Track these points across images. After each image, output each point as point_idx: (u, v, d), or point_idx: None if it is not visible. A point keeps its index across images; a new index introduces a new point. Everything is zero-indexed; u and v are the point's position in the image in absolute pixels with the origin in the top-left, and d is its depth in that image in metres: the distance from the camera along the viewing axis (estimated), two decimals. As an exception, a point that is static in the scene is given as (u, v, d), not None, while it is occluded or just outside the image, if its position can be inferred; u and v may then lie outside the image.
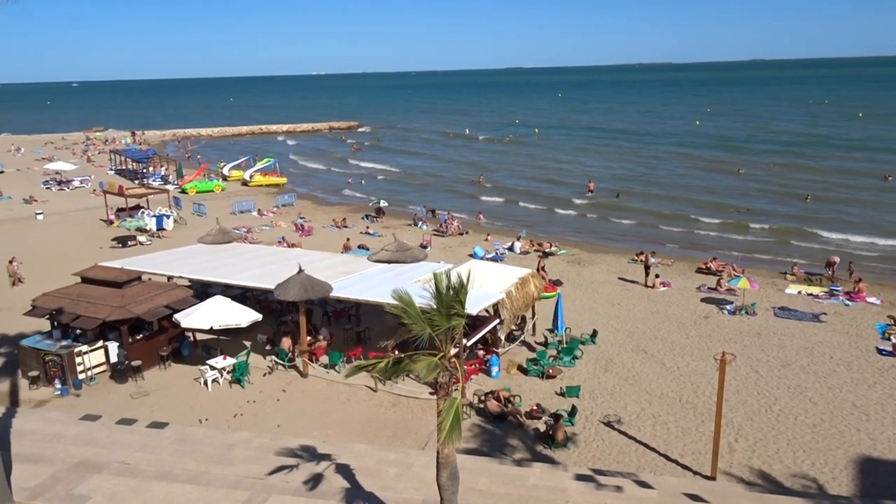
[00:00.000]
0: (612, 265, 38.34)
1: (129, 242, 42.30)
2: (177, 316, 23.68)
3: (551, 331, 26.84)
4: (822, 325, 28.30)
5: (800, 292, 32.54)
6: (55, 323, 24.04)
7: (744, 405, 21.31)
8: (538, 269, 33.90)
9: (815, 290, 32.80)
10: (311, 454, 17.68)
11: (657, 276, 34.47)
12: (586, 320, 28.92)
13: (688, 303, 31.57)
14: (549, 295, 29.17)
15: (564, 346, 25.59)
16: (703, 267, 36.70)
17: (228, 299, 24.83)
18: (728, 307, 30.41)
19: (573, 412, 20.48)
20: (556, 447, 18.94)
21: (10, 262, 34.80)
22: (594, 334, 26.95)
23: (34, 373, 22.87)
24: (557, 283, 33.49)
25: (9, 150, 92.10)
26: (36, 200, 56.66)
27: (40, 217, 50.68)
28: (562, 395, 22.12)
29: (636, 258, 38.26)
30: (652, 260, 35.97)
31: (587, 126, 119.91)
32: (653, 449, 18.97)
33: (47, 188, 63.98)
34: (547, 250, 40.58)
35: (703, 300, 31.87)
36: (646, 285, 34.05)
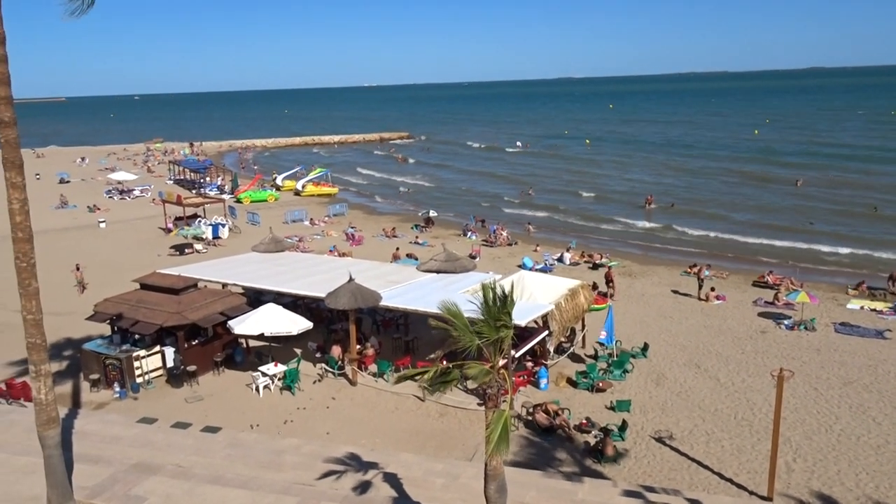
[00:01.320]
0: (664, 277, 37.65)
1: (186, 250, 43.47)
2: (230, 323, 24.20)
3: (601, 343, 26.47)
4: (886, 342, 27.19)
5: (862, 307, 31.36)
6: (115, 328, 24.84)
7: (802, 424, 20.61)
8: (607, 281, 33.55)
9: (879, 305, 31.55)
10: (359, 462, 17.81)
11: (712, 288, 33.69)
12: (637, 333, 28.44)
13: (743, 317, 30.75)
14: (600, 307, 28.76)
15: (615, 359, 25.22)
16: (760, 280, 35.72)
17: (280, 307, 25.26)
18: (786, 322, 29.50)
19: (623, 427, 20.13)
20: (605, 462, 18.64)
21: (77, 268, 36.11)
22: (645, 348, 26.48)
23: (95, 376, 23.66)
24: (605, 295, 33.03)
25: (74, 161, 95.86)
26: (99, 209, 58.79)
27: (103, 225, 52.55)
28: (612, 409, 21.77)
29: (689, 270, 37.48)
30: (706, 272, 35.19)
31: (639, 137, 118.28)
32: (706, 467, 18.49)
33: (110, 197, 66.31)
34: (597, 262, 40.09)
35: (760, 314, 30.99)
36: (699, 298, 33.31)
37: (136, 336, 24.29)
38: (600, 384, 23.26)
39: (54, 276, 34.65)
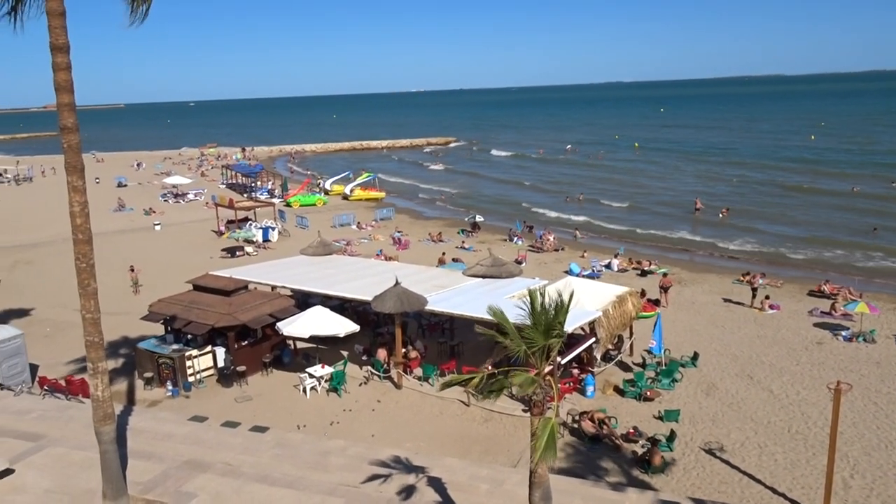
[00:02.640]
0: (715, 285, 36.83)
1: (238, 253, 44.37)
2: (279, 324, 24.59)
3: (649, 352, 26.03)
4: (952, 356, 26.06)
5: (926, 319, 30.14)
6: (169, 328, 25.49)
7: (861, 439, 19.88)
8: (663, 289, 33.04)
9: (944, 317, 30.26)
10: (403, 465, 17.87)
11: (766, 297, 32.81)
12: (687, 342, 27.88)
13: (798, 327, 29.85)
14: (648, 314, 28.30)
15: (663, 367, 24.76)
16: (816, 290, 34.62)
17: (327, 310, 25.56)
18: (843, 333, 28.53)
19: (672, 437, 19.74)
20: (652, 472, 18.30)
21: (132, 269, 37.21)
22: (695, 357, 25.93)
23: (149, 374, 24.32)
24: (656, 302, 32.46)
25: (131, 166, 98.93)
26: (154, 212, 60.51)
27: (158, 228, 54.06)
28: (660, 418, 21.37)
29: (742, 279, 36.58)
30: (760, 281, 34.31)
31: (689, 141, 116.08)
32: (758, 480, 17.99)
33: (165, 201, 68.17)
34: (646, 268, 39.47)
35: (816, 325, 30.04)
36: (752, 307, 32.48)
37: (189, 336, 24.88)
38: (648, 393, 22.86)
39: (112, 276, 35.80)
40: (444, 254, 41.61)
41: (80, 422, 19.98)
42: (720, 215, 55.62)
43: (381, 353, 25.38)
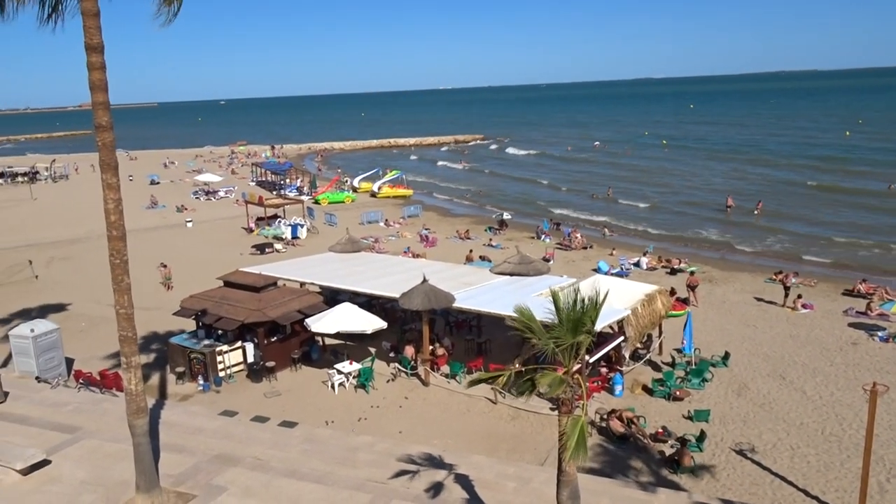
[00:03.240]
0: (746, 284, 36.29)
1: (267, 250, 44.83)
2: (308, 320, 24.79)
3: (679, 351, 25.74)
4: None
5: (966, 320, 29.35)
6: (200, 323, 25.85)
7: (897, 442, 19.46)
8: (690, 288, 32.69)
9: None
10: (431, 462, 17.92)
11: (798, 296, 32.23)
12: (717, 341, 27.51)
13: (833, 327, 29.28)
14: (678, 313, 27.99)
15: (693, 367, 24.47)
16: (851, 290, 33.89)
17: (355, 306, 25.71)
18: (880, 334, 27.91)
19: (702, 437, 19.50)
20: (682, 473, 18.10)
21: (163, 266, 37.78)
22: (726, 356, 25.58)
23: (180, 369, 24.70)
24: (686, 301, 32.08)
25: (164, 163, 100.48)
26: (186, 209, 61.40)
27: (189, 224, 54.84)
28: (690, 418, 21.12)
29: (774, 277, 35.98)
30: (792, 280, 33.71)
31: (720, 138, 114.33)
32: (790, 483, 17.71)
33: (196, 198, 69.13)
34: (676, 267, 39.03)
35: (851, 325, 29.43)
36: (784, 306, 31.94)
37: (220, 331, 25.21)
38: (677, 393, 22.61)
39: (144, 272, 36.39)
40: (471, 251, 41.60)
41: (114, 415, 20.37)
42: (755, 210, 54.70)
43: (409, 350, 25.47)
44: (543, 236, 48.21)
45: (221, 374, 24.43)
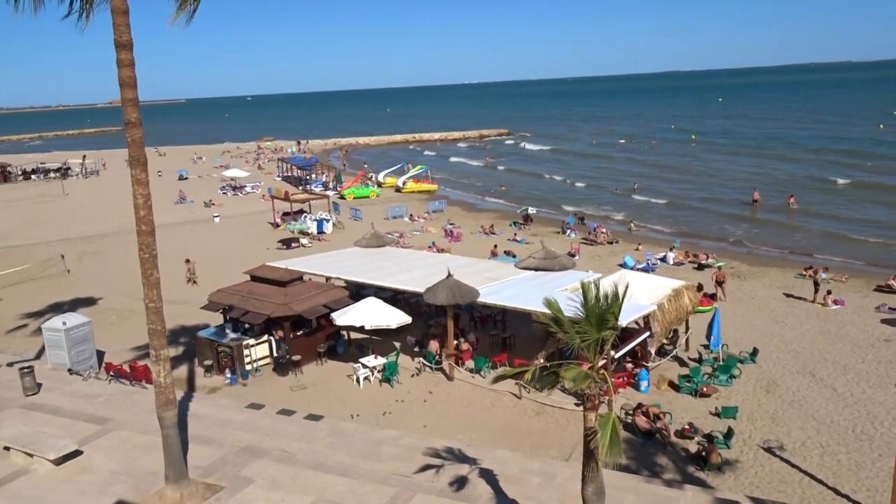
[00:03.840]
0: (776, 279, 35.75)
1: (293, 244, 45.17)
2: (333, 315, 24.95)
3: (706, 347, 25.47)
4: None
5: None
6: (227, 317, 26.15)
7: (931, 441, 19.06)
8: (717, 283, 32.36)
9: None
10: (455, 456, 17.95)
11: (829, 292, 31.68)
12: (746, 337, 27.16)
13: (865, 324, 28.74)
14: (705, 309, 27.70)
15: (721, 363, 24.19)
16: (884, 286, 33.22)
17: (381, 301, 25.81)
18: (913, 330, 27.36)
19: (729, 434, 19.28)
20: (709, 470, 17.93)
21: (187, 262, 38.10)
22: (754, 353, 25.25)
23: (208, 362, 25.01)
24: (713, 296, 31.73)
25: (192, 159, 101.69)
26: (214, 204, 62.07)
27: (217, 219, 55.47)
28: (717, 415, 20.89)
29: (804, 273, 35.40)
30: (823, 275, 33.12)
31: (748, 132, 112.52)
32: (820, 481, 17.44)
33: (223, 193, 69.86)
34: (703, 262, 38.58)
35: (884, 321, 28.85)
36: (815, 302, 31.42)
37: (247, 325, 25.48)
38: (704, 389, 22.38)
39: (173, 266, 36.85)
40: (496, 246, 41.51)
41: (144, 406, 20.69)
42: (788, 203, 53.73)
43: (433, 345, 25.51)
44: (568, 231, 47.96)
45: (248, 367, 24.69)
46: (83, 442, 18.78)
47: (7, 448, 18.00)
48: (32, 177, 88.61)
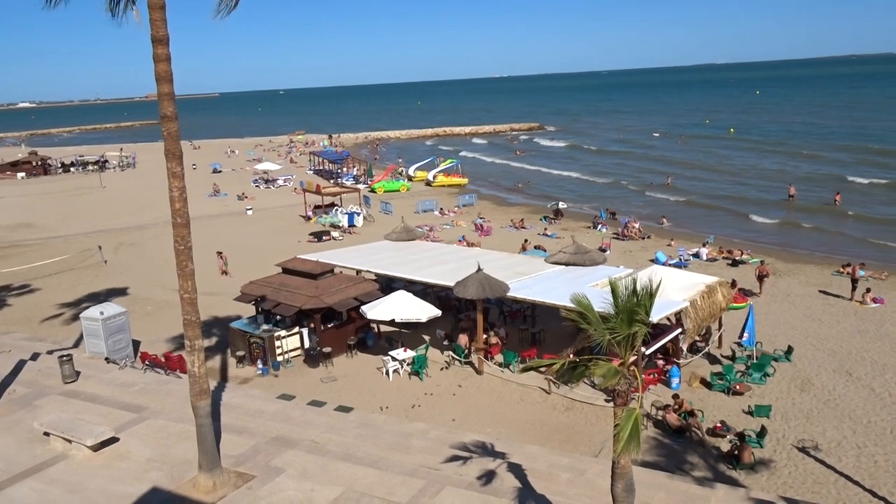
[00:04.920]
0: (812, 276, 35.06)
1: (324, 237, 45.54)
2: (363, 308, 25.11)
3: (740, 344, 25.08)
4: None
5: None
6: (259, 308, 26.48)
7: (973, 444, 18.56)
8: (758, 279, 31.91)
9: None
10: (484, 450, 17.98)
11: (867, 290, 30.97)
12: (780, 335, 26.71)
13: (904, 322, 28.07)
14: (739, 306, 27.26)
15: (754, 361, 23.82)
16: (925, 283, 32.43)
17: (410, 294, 25.89)
18: (956, 330, 26.63)
19: (762, 433, 19.00)
20: (741, 469, 17.69)
21: (220, 254, 38.57)
22: (789, 351, 24.81)
23: (241, 353, 25.37)
24: (748, 293, 31.22)
25: (225, 153, 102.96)
26: (247, 197, 62.85)
27: (250, 212, 56.13)
28: (750, 413, 20.60)
29: (842, 270, 34.66)
30: (861, 272, 32.38)
31: (786, 126, 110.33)
32: (856, 482, 17.10)
33: (256, 186, 70.66)
34: (737, 258, 37.98)
35: (924, 320, 28.17)
36: (852, 300, 30.74)
37: (278, 317, 25.77)
38: (737, 387, 22.06)
39: (207, 258, 37.40)
40: (526, 240, 41.35)
41: (178, 396, 21.08)
42: (835, 201, 52.33)
43: (463, 339, 25.53)
44: (600, 226, 47.56)
45: (280, 358, 24.99)
46: (119, 429, 19.19)
47: (47, 434, 18.47)
48: (71, 169, 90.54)
